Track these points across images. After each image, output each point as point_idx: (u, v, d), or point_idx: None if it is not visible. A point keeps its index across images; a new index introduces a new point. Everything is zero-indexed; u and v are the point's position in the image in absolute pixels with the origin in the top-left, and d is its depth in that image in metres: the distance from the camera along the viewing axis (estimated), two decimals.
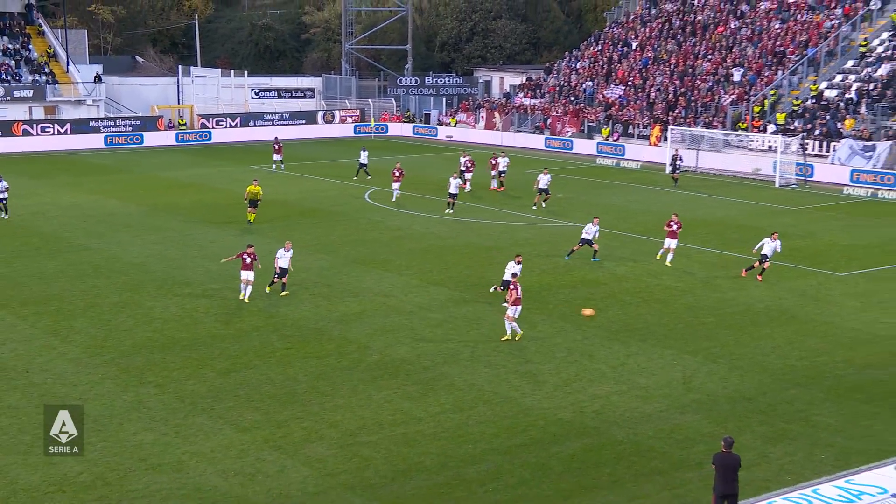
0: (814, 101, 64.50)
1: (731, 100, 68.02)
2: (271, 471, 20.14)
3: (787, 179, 57.46)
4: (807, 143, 59.80)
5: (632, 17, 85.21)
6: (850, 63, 67.12)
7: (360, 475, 20.05)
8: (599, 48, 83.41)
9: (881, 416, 23.08)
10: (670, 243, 36.93)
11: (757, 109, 65.68)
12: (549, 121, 76.89)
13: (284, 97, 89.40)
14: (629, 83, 76.37)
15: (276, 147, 62.67)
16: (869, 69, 64.78)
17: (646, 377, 25.28)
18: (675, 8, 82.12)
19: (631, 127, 71.20)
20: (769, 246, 34.68)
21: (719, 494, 17.49)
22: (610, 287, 34.12)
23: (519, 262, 31.06)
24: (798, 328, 29.66)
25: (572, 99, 78.54)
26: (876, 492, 15.78)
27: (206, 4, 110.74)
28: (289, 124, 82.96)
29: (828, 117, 61.81)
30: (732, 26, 75.69)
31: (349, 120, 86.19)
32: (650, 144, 68.11)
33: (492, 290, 32.69)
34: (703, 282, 34.89)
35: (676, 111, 69.74)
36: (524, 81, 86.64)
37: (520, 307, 28.11)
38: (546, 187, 48.25)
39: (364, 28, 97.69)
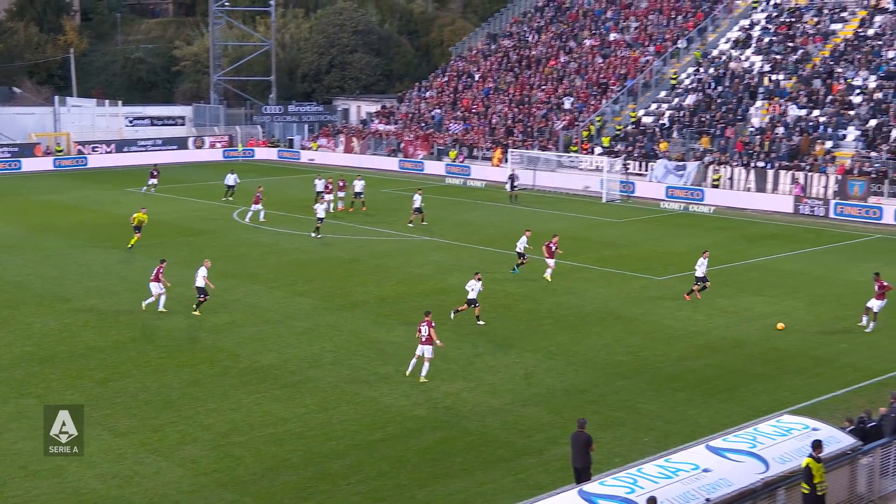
0: (633, 126, 66.40)
1: (562, 125, 69.42)
2: (148, 472, 19.55)
3: (613, 195, 58.89)
4: (628, 164, 61.48)
5: (474, 51, 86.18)
6: (662, 93, 69.37)
7: (232, 473, 19.64)
8: (446, 79, 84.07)
9: (694, 401, 23.85)
10: (551, 262, 36.37)
11: (585, 134, 67.21)
12: (402, 145, 77.04)
13: (157, 125, 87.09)
14: (473, 111, 77.20)
15: (154, 173, 61.06)
16: (678, 99, 67.12)
17: (492, 375, 25.53)
18: (512, 44, 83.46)
19: (475, 150, 71.95)
20: (702, 267, 33.14)
21: (575, 467, 17.93)
22: (459, 295, 34.27)
23: (479, 280, 30.11)
24: (624, 327, 30.40)
25: (423, 125, 78.94)
26: (690, 468, 16.26)
27: (81, 39, 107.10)
28: (162, 150, 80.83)
29: (645, 140, 63.76)
30: (562, 60, 77.34)
31: (218, 145, 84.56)
32: (493, 165, 68.93)
33: (452, 316, 30.57)
34: (542, 288, 35.43)
35: (515, 135, 70.80)
36: (379, 109, 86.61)
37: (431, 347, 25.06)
38: (420, 206, 48.00)
39: (231, 61, 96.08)
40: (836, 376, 25.74)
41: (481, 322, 30.13)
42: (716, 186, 57.65)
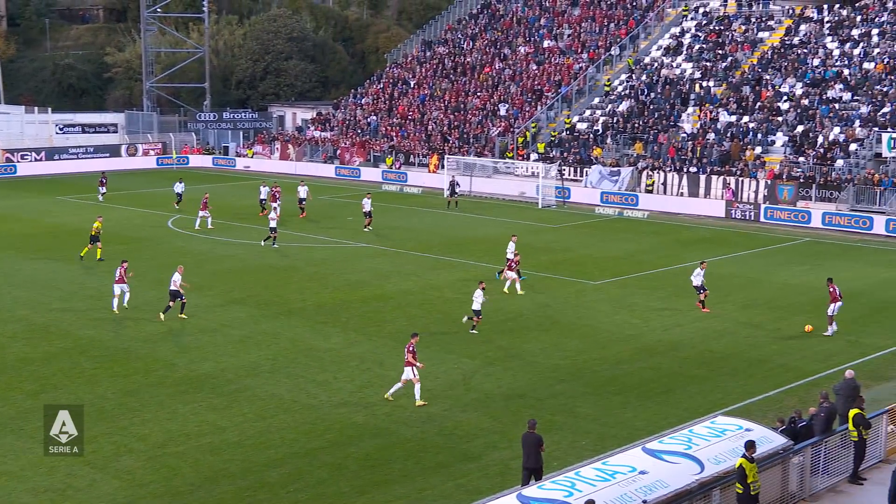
0: (568, 132, 66.98)
1: (498, 131, 69.76)
2: (82, 485, 19.16)
3: (548, 201, 59.30)
4: (564, 169, 61.97)
5: (409, 58, 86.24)
6: (596, 100, 70.10)
7: (169, 484, 19.35)
8: (381, 86, 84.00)
9: (631, 404, 24.09)
10: (510, 274, 35.83)
11: (521, 140, 67.62)
12: (338, 151, 76.75)
13: (89, 132, 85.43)
14: (408, 117, 77.20)
15: (103, 181, 59.82)
16: (612, 105, 67.87)
17: (431, 380, 25.49)
18: (447, 51, 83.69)
19: (412, 156, 71.96)
20: (698, 277, 32.84)
21: (525, 467, 17.99)
22: (397, 300, 34.28)
23: (483, 288, 29.89)
24: (561, 331, 30.60)
25: (358, 131, 78.75)
26: (627, 470, 16.40)
27: (8, 45, 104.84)
28: (94, 157, 79.37)
29: (580, 146, 64.34)
30: (497, 67, 77.77)
31: (152, 153, 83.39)
32: (429, 171, 69.01)
33: (464, 320, 30.56)
34: None
35: (451, 142, 70.95)
36: (314, 116, 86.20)
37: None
38: (370, 210, 48.16)
39: (164, 67, 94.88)
40: (769, 377, 26.20)
41: (475, 332, 29.87)
42: (649, 191, 58.40)
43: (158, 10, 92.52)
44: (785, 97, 60.61)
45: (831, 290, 30.29)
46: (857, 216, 50.27)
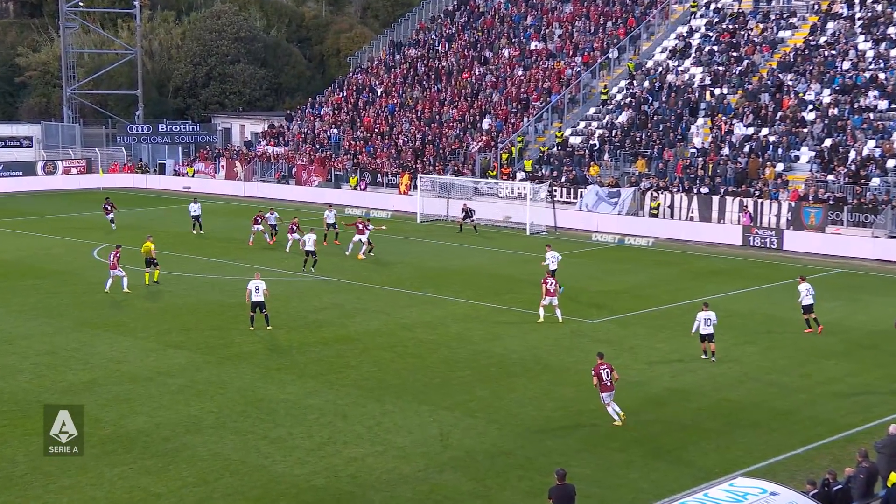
0: (560, 147, 67.34)
1: (478, 147, 70.07)
2: None
3: (538, 227, 59.44)
4: (555, 190, 62.20)
5: (376, 62, 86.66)
6: (592, 110, 70.59)
7: None
8: (344, 94, 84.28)
9: (635, 463, 24.00)
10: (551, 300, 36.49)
11: (505, 156, 67.93)
12: (293, 170, 76.81)
13: None
14: (375, 130, 77.40)
15: (107, 207, 58.94)
16: (610, 116, 68.33)
17: (402, 436, 25.33)
18: (419, 53, 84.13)
19: (379, 175, 72.09)
20: (807, 295, 34.23)
21: None
22: (363, 342, 34.14)
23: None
24: (552, 378, 30.53)
25: (317, 147, 78.84)
26: None
27: None
28: (3, 176, 79.03)
29: (573, 164, 64.60)
30: (477, 73, 78.21)
31: (74, 171, 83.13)
32: (400, 193, 69.13)
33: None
34: (458, 334, 35.44)
35: (425, 159, 71.17)
36: (266, 129, 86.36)
37: None
38: (334, 223, 51.82)
39: (88, 71, 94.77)
40: (796, 431, 26.19)
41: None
42: (654, 215, 58.69)
43: (80, 3, 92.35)
44: (810, 106, 61.23)
45: None
46: None
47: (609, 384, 26.16)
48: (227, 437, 25.32)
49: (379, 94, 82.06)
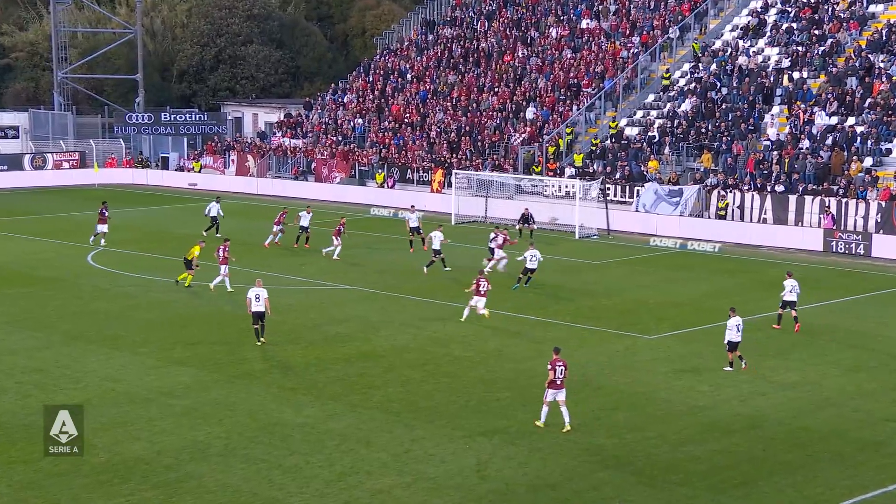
0: (614, 140, 67.23)
1: (521, 139, 70.03)
2: None
3: (588, 230, 59.31)
4: (608, 188, 62.07)
5: (406, 43, 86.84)
6: (651, 97, 70.42)
7: None
8: (370, 79, 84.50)
9: (699, 498, 23.92)
10: None
11: (552, 150, 67.86)
12: (313, 165, 77.07)
13: None
14: (405, 121, 77.54)
15: (103, 212, 55.00)
16: (671, 104, 68.10)
17: (434, 466, 25.37)
18: (455, 33, 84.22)
19: (409, 171, 72.20)
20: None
21: None
22: (390, 360, 34.20)
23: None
24: (605, 400, 30.47)
25: (340, 139, 79.07)
26: None
27: None
28: None
29: (629, 158, 64.44)
30: (521, 55, 78.19)
31: (66, 165, 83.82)
32: (433, 191, 69.21)
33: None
34: (497, 350, 35.43)
35: (461, 153, 71.22)
36: (282, 118, 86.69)
37: None
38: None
39: (82, 53, 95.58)
40: (886, 466, 25.99)
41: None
42: (722, 217, 58.47)
43: None
44: None
45: None
46: None
47: (559, 382, 27.36)
48: (236, 465, 25.45)
49: (409, 79, 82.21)
